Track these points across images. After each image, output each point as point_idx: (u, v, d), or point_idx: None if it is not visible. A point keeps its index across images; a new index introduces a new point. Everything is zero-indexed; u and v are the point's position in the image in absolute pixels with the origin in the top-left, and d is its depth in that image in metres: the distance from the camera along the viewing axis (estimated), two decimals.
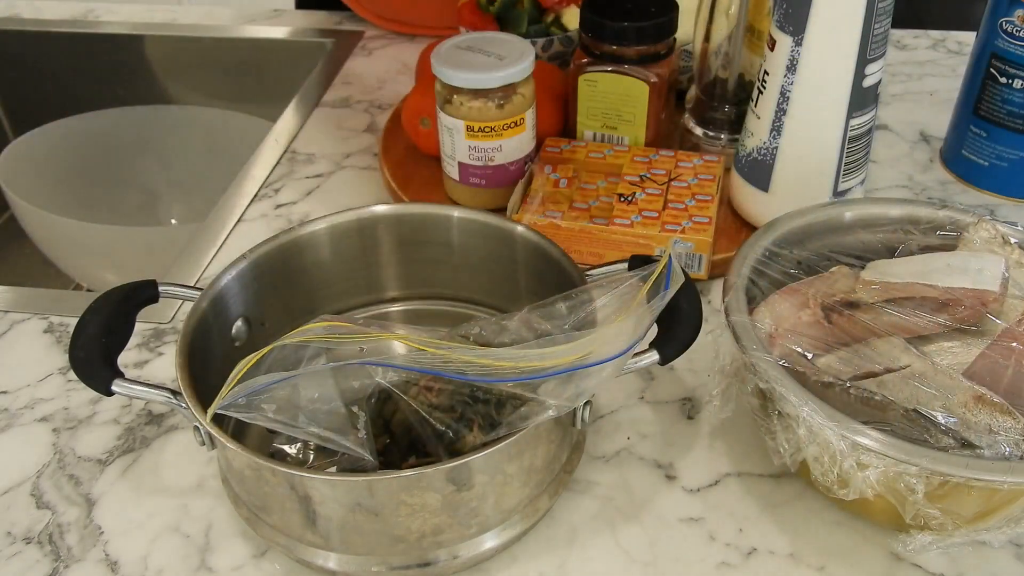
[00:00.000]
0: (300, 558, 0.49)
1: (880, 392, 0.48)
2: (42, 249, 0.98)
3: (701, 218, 0.67)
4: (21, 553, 0.52)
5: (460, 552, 0.48)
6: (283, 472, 0.45)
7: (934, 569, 0.50)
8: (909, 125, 0.88)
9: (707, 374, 0.61)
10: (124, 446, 0.58)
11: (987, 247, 0.56)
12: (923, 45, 1.01)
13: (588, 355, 0.46)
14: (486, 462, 0.45)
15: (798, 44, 0.63)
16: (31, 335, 0.66)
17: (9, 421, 0.60)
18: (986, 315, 0.51)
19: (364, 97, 0.95)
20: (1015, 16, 0.71)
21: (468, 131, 0.70)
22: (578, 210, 0.68)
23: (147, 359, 0.64)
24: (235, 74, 1.10)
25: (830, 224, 0.59)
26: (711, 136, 0.78)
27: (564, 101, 0.78)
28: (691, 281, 0.50)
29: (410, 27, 1.05)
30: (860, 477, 0.45)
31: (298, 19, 1.10)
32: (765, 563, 0.50)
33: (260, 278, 0.56)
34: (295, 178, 0.83)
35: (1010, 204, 0.77)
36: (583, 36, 0.73)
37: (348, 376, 0.48)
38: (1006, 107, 0.74)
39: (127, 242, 0.92)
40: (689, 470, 0.56)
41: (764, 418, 0.50)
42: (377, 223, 0.59)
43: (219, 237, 0.76)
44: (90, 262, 0.96)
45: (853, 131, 0.65)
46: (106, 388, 0.48)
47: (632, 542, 0.52)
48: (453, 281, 0.62)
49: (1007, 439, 0.45)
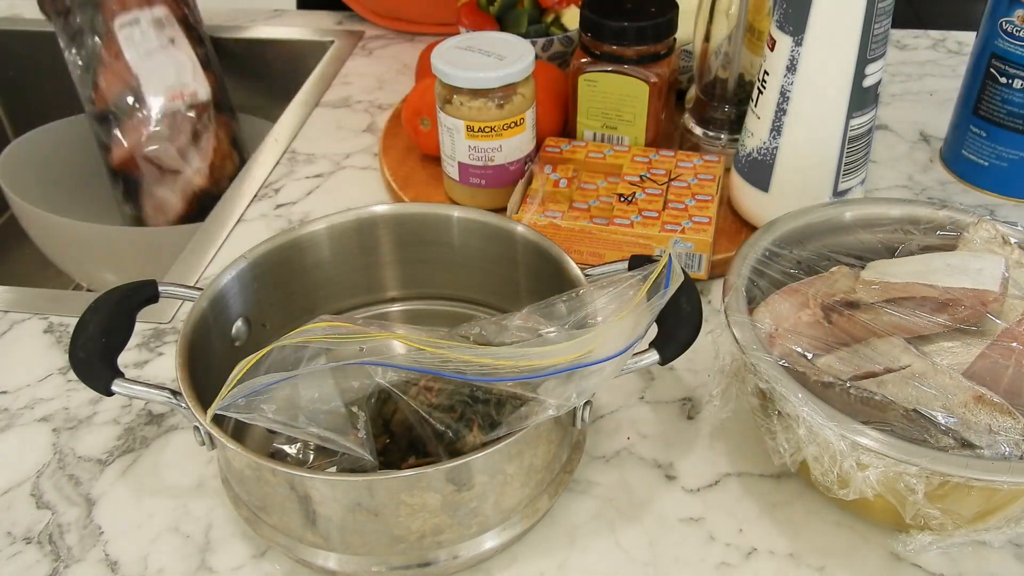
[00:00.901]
0: (300, 558, 0.49)
1: (880, 392, 0.48)
2: (42, 249, 0.98)
3: (701, 218, 0.67)
4: (21, 553, 0.52)
5: (460, 552, 0.48)
6: (283, 472, 0.45)
7: (934, 569, 0.50)
8: (909, 125, 0.88)
9: (707, 374, 0.61)
10: (124, 446, 0.58)
11: (987, 247, 0.56)
12: (923, 45, 1.01)
13: (588, 354, 0.46)
14: (486, 462, 0.45)
15: (798, 44, 0.63)
16: (31, 335, 0.66)
17: (9, 421, 0.60)
18: (986, 315, 0.51)
19: (364, 97, 0.95)
20: (1015, 16, 0.71)
21: (468, 131, 0.70)
22: (578, 210, 0.68)
23: (147, 359, 0.64)
24: (235, 74, 1.10)
25: (830, 224, 0.59)
26: (711, 136, 0.78)
27: (564, 101, 0.78)
28: (691, 281, 0.50)
29: (408, 24, 1.05)
30: (860, 477, 0.45)
31: (298, 19, 1.11)
32: (765, 563, 0.50)
33: (260, 278, 0.56)
34: (295, 178, 0.83)
35: (1010, 204, 0.78)
36: (583, 36, 0.73)
37: (348, 376, 0.48)
38: (1006, 107, 0.74)
39: (127, 242, 0.93)
40: (689, 470, 0.56)
41: (764, 418, 0.50)
42: (377, 223, 0.59)
43: (219, 237, 0.76)
44: (90, 262, 0.96)
45: (853, 131, 0.65)
46: (106, 388, 0.48)
47: (632, 542, 0.52)
48: (453, 281, 0.62)
49: (1007, 439, 0.45)
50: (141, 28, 0.92)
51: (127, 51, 0.91)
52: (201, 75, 0.95)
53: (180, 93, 0.93)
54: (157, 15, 0.93)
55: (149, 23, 0.92)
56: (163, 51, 0.93)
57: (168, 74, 0.92)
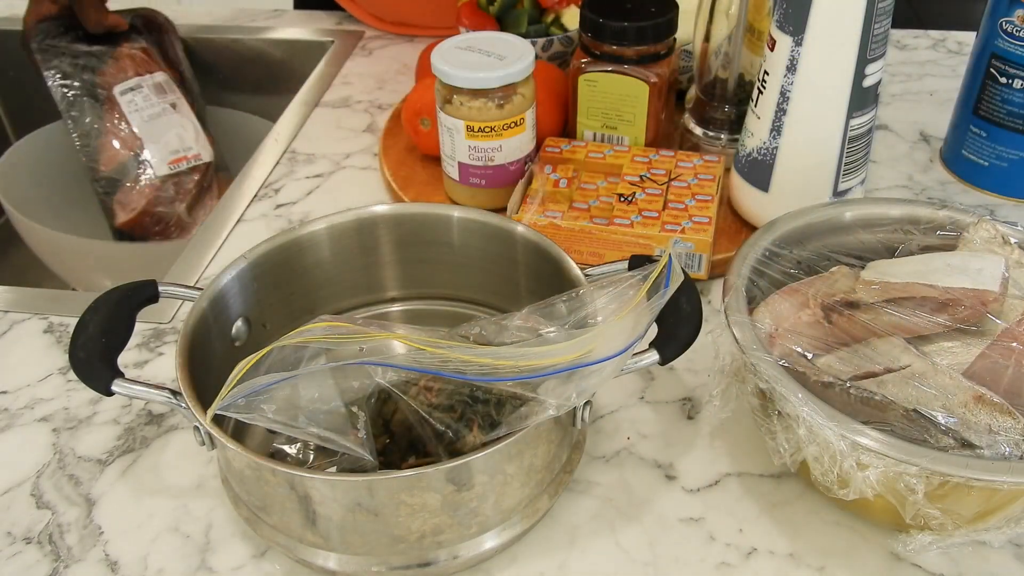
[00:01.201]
0: (300, 558, 0.49)
1: (880, 392, 0.48)
2: (40, 258, 0.98)
3: (701, 218, 0.67)
4: (21, 553, 0.52)
5: (460, 552, 0.48)
6: (283, 472, 0.45)
7: (934, 569, 0.50)
8: (909, 125, 0.88)
9: (707, 374, 0.61)
10: (124, 446, 0.58)
11: (987, 247, 0.56)
12: (923, 45, 1.01)
13: (588, 353, 0.46)
14: (486, 462, 0.45)
15: (798, 44, 0.63)
16: (31, 335, 0.66)
17: (9, 421, 0.60)
18: (986, 315, 0.51)
19: (364, 97, 0.95)
20: (1015, 16, 0.71)
21: (468, 131, 0.70)
22: (578, 210, 0.68)
23: (147, 359, 0.64)
24: (235, 74, 1.10)
25: (830, 224, 0.59)
26: (711, 136, 0.78)
27: (564, 101, 0.78)
28: (691, 281, 0.50)
29: (407, 27, 1.05)
30: (860, 477, 0.45)
31: (298, 19, 1.10)
32: (765, 563, 0.50)
33: (260, 278, 0.56)
34: (295, 178, 0.83)
35: (1010, 204, 0.78)
36: (583, 36, 0.73)
37: (348, 376, 0.48)
38: (1006, 107, 0.74)
39: (125, 255, 0.93)
40: (689, 470, 0.56)
41: (764, 418, 0.50)
42: (377, 223, 0.59)
43: (219, 237, 0.76)
44: (86, 273, 0.96)
45: (853, 131, 0.65)
46: (106, 388, 0.48)
47: (632, 542, 0.52)
48: (453, 281, 0.62)
49: (1007, 439, 0.45)
50: (143, 93, 0.95)
51: (130, 116, 0.94)
52: (203, 138, 0.98)
53: (184, 156, 0.96)
54: (158, 80, 0.97)
55: (151, 88, 0.96)
56: (165, 115, 0.96)
57: (171, 138, 0.95)
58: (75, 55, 0.95)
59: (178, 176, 0.96)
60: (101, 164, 0.95)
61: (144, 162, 0.95)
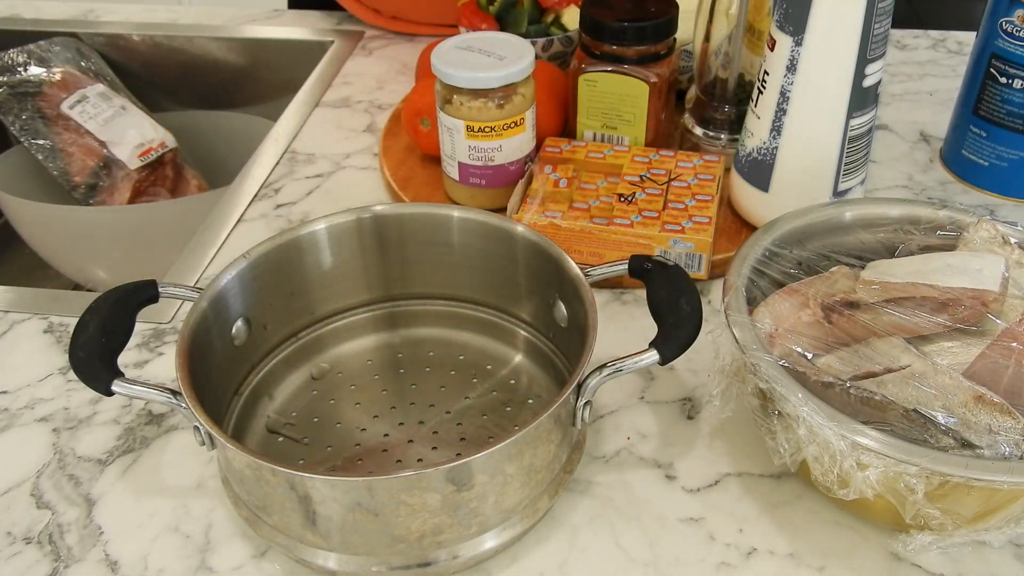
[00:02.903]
0: (300, 558, 0.49)
1: (880, 392, 0.48)
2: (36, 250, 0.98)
3: (701, 218, 0.67)
4: (21, 553, 0.52)
5: (460, 552, 0.48)
6: (283, 472, 0.45)
7: (934, 569, 0.50)
8: (909, 125, 0.88)
9: (707, 374, 0.61)
10: (124, 446, 0.58)
11: (987, 247, 0.56)
12: (923, 45, 1.01)
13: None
14: (486, 462, 0.45)
15: (798, 44, 0.63)
16: (31, 335, 0.66)
17: (9, 421, 0.60)
18: (986, 315, 0.51)
19: (364, 97, 0.95)
20: (1015, 16, 0.71)
21: (468, 131, 0.70)
22: (578, 210, 0.68)
23: (147, 359, 0.64)
24: (235, 74, 1.10)
25: (830, 224, 0.59)
26: (711, 136, 0.78)
27: (564, 101, 0.78)
28: (691, 281, 0.50)
29: (406, 24, 1.05)
30: (860, 477, 0.45)
31: (298, 19, 1.11)
32: (765, 563, 0.50)
33: (260, 278, 0.56)
34: (295, 178, 0.83)
35: (1010, 204, 0.78)
36: (583, 36, 0.73)
37: None
38: (1006, 107, 0.74)
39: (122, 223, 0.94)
40: (689, 470, 0.56)
41: (764, 418, 0.50)
42: (377, 223, 0.59)
43: (219, 237, 0.76)
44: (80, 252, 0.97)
45: (853, 131, 0.65)
46: (106, 388, 0.48)
47: (632, 542, 0.52)
48: (453, 281, 0.62)
49: (1007, 439, 0.45)
50: (91, 102, 0.98)
51: (86, 124, 0.97)
52: (161, 128, 1.01)
53: (151, 147, 0.99)
54: (99, 90, 1.00)
55: (97, 96, 0.99)
56: (119, 116, 0.99)
57: (133, 134, 0.98)
58: (12, 85, 0.98)
59: (151, 166, 0.99)
60: (74, 175, 0.97)
61: (115, 161, 0.97)
